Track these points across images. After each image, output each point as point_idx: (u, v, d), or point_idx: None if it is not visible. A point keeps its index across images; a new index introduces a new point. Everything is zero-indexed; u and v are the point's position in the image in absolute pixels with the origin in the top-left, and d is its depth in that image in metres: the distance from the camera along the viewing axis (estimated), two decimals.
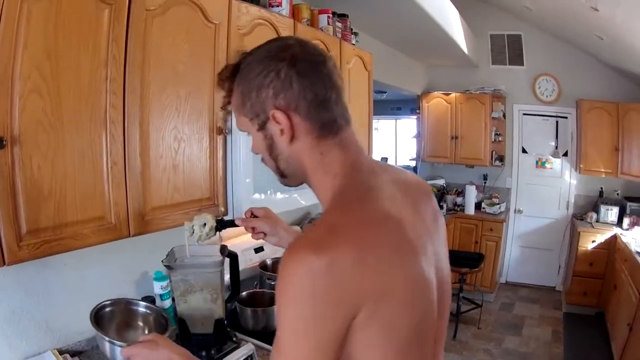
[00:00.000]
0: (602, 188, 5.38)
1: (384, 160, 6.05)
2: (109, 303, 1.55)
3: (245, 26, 1.86)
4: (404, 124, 8.06)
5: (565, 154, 5.69)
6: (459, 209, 5.73)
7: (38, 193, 1.19)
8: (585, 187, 5.58)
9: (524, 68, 5.73)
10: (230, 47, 1.77)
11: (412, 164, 6.39)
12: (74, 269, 1.66)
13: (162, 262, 1.60)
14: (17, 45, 1.10)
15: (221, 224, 1.39)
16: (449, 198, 5.81)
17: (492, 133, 5.73)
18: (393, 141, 8.34)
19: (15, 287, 1.50)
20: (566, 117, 5.63)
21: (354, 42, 2.91)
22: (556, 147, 5.74)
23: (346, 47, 2.71)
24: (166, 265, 1.59)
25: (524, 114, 5.86)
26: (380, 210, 0.80)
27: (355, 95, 2.86)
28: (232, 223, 1.38)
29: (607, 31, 4.11)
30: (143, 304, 1.66)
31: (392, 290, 0.74)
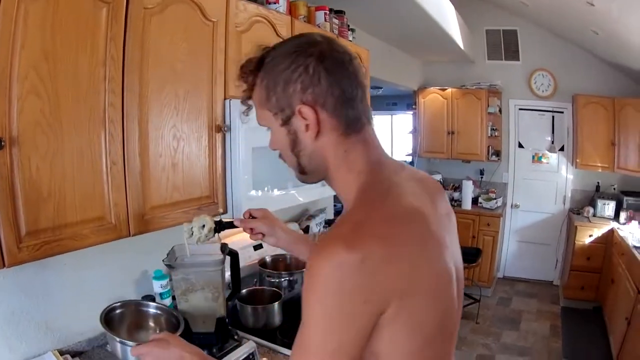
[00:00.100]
0: (598, 182, 5.40)
1: None
2: (118, 305, 1.55)
3: (243, 23, 1.85)
4: (399, 119, 8.07)
5: (562, 149, 5.71)
6: (456, 204, 5.73)
7: (37, 194, 1.18)
8: (582, 181, 5.61)
9: (520, 63, 5.74)
10: (229, 45, 1.76)
11: (409, 159, 6.37)
12: (73, 269, 1.65)
13: (162, 261, 1.60)
14: (15, 46, 1.08)
15: (220, 225, 1.39)
16: (446, 193, 5.79)
17: (489, 128, 5.74)
18: (389, 137, 8.35)
19: (15, 288, 1.49)
20: (562, 112, 5.64)
21: (350, 38, 2.90)
22: (552, 142, 5.76)
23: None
24: (167, 265, 1.59)
25: (520, 109, 5.87)
26: (406, 206, 0.81)
27: None
28: (231, 224, 1.38)
29: (602, 26, 4.12)
30: (153, 305, 1.66)
31: (418, 285, 0.74)
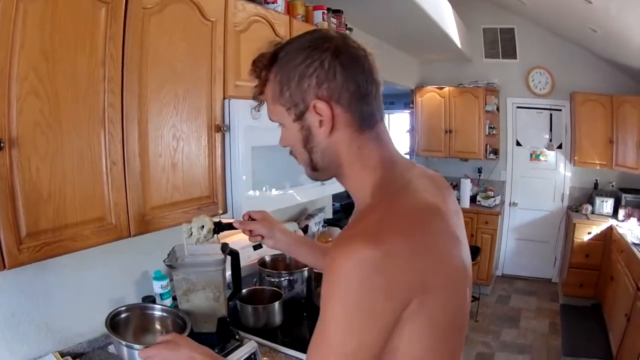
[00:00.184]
0: (596, 180, 5.41)
1: None
2: (123, 309, 1.54)
3: (241, 23, 1.84)
4: (397, 118, 8.06)
5: (560, 147, 5.71)
6: None
7: (37, 195, 1.17)
8: (580, 179, 5.61)
9: (517, 61, 5.74)
10: (227, 45, 1.76)
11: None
12: (73, 270, 1.65)
13: (163, 261, 1.59)
14: (14, 47, 1.08)
15: (219, 226, 1.39)
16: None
17: (486, 126, 5.74)
18: None
19: (15, 290, 1.48)
20: (560, 110, 5.64)
21: None
22: (550, 140, 5.76)
23: None
24: (168, 265, 1.59)
25: (517, 107, 5.87)
26: (423, 202, 0.81)
27: None
28: (230, 226, 1.38)
29: (600, 24, 4.12)
30: (159, 307, 1.65)
31: (438, 280, 0.74)
